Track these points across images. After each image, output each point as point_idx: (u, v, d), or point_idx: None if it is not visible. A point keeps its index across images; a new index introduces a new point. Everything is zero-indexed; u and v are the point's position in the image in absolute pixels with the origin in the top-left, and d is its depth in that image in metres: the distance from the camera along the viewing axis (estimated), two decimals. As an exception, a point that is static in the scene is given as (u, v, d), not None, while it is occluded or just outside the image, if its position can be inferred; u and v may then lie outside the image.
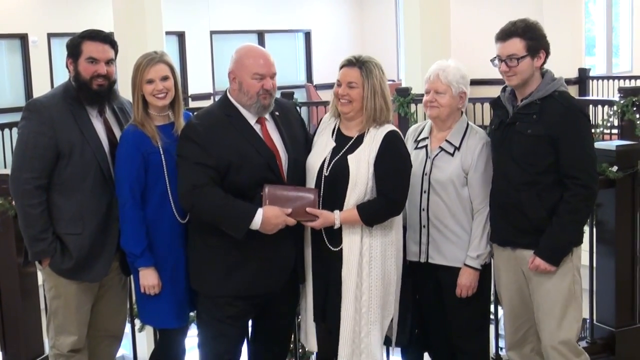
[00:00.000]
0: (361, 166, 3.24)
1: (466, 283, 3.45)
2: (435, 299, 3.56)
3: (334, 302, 3.31)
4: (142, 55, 3.40)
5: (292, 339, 3.87)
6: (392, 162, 3.28)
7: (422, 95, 3.54)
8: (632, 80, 13.54)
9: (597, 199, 3.65)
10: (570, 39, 14.02)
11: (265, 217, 3.13)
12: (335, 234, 3.28)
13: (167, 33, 11.99)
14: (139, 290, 3.43)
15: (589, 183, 3.27)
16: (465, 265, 3.46)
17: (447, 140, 3.50)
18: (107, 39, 3.41)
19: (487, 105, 12.02)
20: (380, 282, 3.29)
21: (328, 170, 3.29)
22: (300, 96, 11.94)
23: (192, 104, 13.13)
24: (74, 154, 3.31)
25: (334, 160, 3.30)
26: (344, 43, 16.44)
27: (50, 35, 12.52)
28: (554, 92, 3.28)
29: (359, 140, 3.30)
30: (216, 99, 16.16)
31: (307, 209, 3.20)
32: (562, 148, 3.23)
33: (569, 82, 15.22)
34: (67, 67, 3.43)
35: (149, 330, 3.86)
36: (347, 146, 3.31)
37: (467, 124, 3.55)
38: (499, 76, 3.42)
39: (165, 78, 3.33)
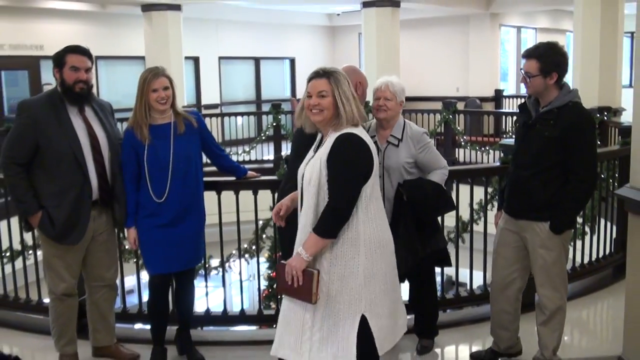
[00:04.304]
0: (314, 169, 2.50)
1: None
2: None
3: None
4: (146, 69, 3.30)
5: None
6: (335, 167, 2.46)
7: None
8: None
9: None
10: (489, 67, 14.22)
11: None
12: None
13: (186, 58, 11.96)
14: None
15: (587, 179, 3.09)
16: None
17: (392, 135, 3.43)
18: (86, 52, 3.27)
19: (426, 116, 12.14)
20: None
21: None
22: (286, 107, 11.93)
23: (204, 112, 13.06)
24: (52, 143, 3.17)
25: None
26: (320, 66, 16.40)
27: (96, 58, 12.37)
28: (569, 102, 3.08)
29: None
30: (222, 109, 15.93)
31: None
32: (569, 149, 3.05)
33: (487, 99, 15.46)
34: (54, 75, 3.27)
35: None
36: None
37: (405, 122, 3.48)
38: (435, 94, 3.38)
39: (166, 88, 3.24)
